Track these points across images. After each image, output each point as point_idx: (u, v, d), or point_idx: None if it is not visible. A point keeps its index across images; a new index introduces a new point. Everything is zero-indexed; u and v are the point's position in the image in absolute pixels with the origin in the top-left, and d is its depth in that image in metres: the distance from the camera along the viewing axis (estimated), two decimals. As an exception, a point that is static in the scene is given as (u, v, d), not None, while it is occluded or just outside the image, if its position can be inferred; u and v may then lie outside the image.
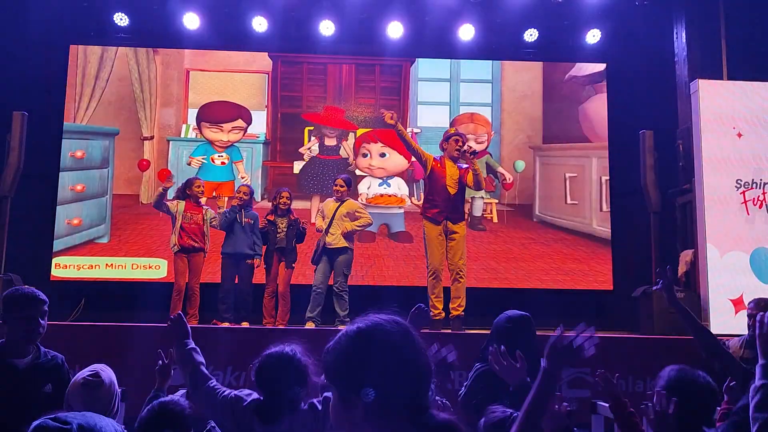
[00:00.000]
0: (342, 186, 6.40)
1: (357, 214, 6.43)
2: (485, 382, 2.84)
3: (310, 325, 6.20)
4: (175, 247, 6.45)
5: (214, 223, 6.62)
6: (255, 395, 2.32)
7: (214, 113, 8.68)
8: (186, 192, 6.53)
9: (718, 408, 2.64)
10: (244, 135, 8.71)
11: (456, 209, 6.14)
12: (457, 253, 6.06)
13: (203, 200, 6.89)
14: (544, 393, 1.69)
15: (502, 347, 2.30)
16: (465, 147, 6.09)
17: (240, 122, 8.66)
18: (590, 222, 8.62)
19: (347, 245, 6.36)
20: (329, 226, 6.32)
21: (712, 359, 3.20)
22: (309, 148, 8.67)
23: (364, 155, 8.72)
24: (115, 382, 2.43)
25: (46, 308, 2.84)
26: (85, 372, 2.35)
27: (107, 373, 2.39)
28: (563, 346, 1.71)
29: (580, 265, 8.45)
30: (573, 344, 1.71)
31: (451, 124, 8.74)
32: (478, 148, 8.67)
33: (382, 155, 8.72)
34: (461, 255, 6.07)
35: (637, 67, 8.09)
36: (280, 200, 6.52)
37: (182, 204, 6.49)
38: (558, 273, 8.41)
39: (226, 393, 2.35)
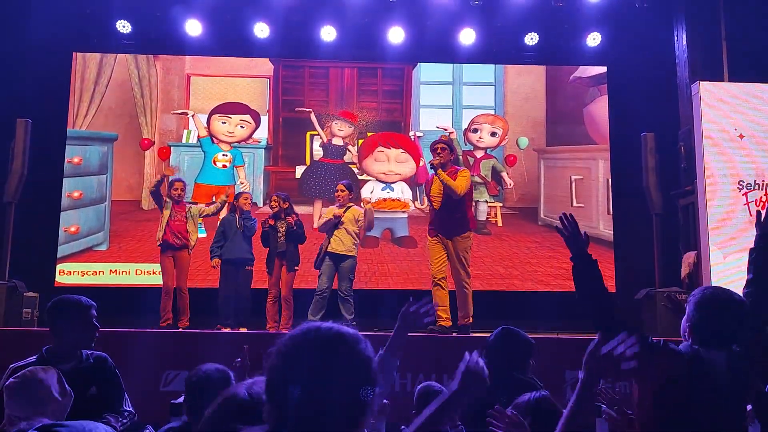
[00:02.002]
0: (343, 191, 6.42)
1: (359, 221, 6.45)
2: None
3: None
4: (159, 241, 6.74)
5: (206, 211, 6.90)
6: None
7: (226, 106, 8.93)
8: (168, 193, 6.78)
9: None
10: (250, 136, 8.77)
11: (444, 223, 5.99)
12: (456, 266, 5.98)
13: (201, 205, 7.03)
14: (581, 405, 1.68)
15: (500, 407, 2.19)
16: (438, 154, 5.92)
17: (248, 118, 8.83)
18: (597, 225, 8.69)
19: (352, 253, 6.37)
20: (331, 232, 6.36)
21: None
22: (317, 142, 8.75)
23: (382, 160, 8.75)
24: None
25: (95, 312, 2.92)
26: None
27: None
28: (603, 356, 1.65)
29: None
30: (612, 354, 1.64)
31: (471, 121, 8.91)
32: (491, 142, 8.78)
33: (400, 161, 8.79)
34: (460, 267, 5.95)
35: (638, 70, 8.20)
36: (272, 204, 6.66)
37: (170, 204, 6.78)
38: (567, 278, 8.39)
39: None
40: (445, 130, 8.85)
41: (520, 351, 3.00)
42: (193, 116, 8.77)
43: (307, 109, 8.85)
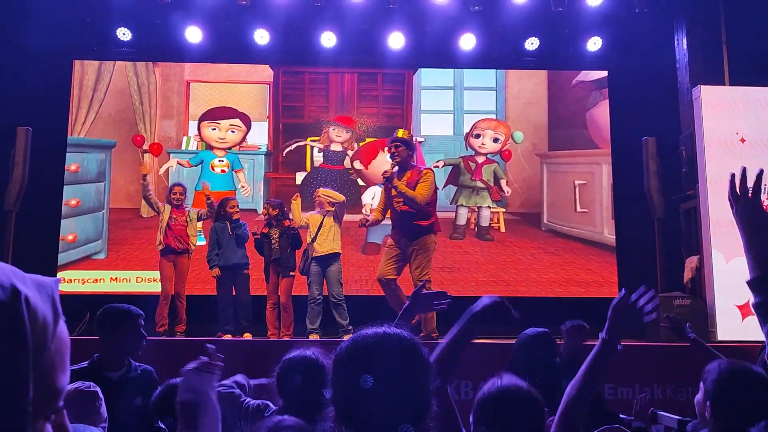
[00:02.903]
0: (319, 196, 6.54)
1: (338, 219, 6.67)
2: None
3: (314, 337, 6.28)
4: (161, 245, 6.85)
5: (202, 215, 7.02)
6: (274, 407, 2.39)
7: (213, 112, 9.01)
8: (168, 198, 6.89)
9: None
10: (243, 140, 8.85)
11: (405, 228, 5.93)
12: (414, 264, 5.89)
13: (201, 212, 7.06)
14: (600, 363, 1.76)
15: None
16: (394, 153, 5.88)
17: (238, 122, 8.88)
18: (601, 230, 8.71)
19: (337, 251, 6.47)
20: (316, 235, 6.44)
21: None
22: (316, 149, 8.76)
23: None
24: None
25: (143, 321, 3.00)
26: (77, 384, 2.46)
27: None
28: (626, 308, 1.75)
29: (594, 275, 8.43)
30: (636, 306, 1.76)
31: (473, 126, 8.94)
32: (493, 147, 8.81)
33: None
34: (418, 266, 5.86)
35: (639, 74, 8.27)
36: (263, 211, 6.73)
37: (168, 208, 6.86)
38: (571, 284, 8.38)
39: (250, 402, 2.43)
40: (437, 167, 8.76)
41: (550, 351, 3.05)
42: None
43: (302, 143, 8.83)
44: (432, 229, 5.93)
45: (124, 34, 8.31)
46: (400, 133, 6.09)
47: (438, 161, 8.85)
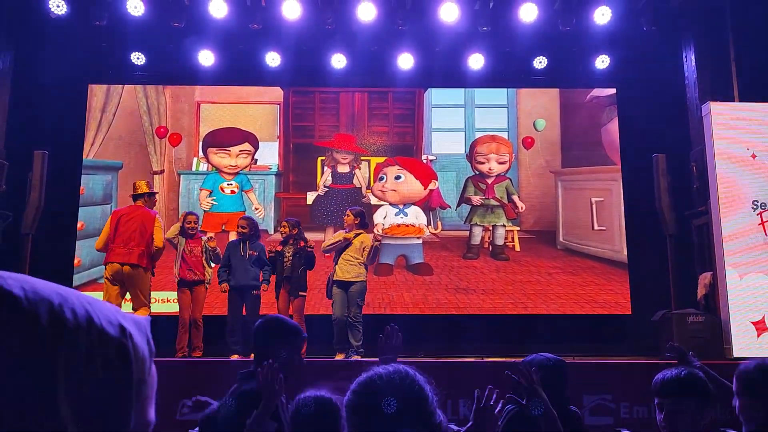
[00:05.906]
0: (348, 216, 6.58)
1: (365, 250, 6.62)
2: (519, 425, 2.78)
3: (339, 356, 6.31)
4: (176, 277, 7.00)
5: (215, 251, 6.86)
6: None
7: (221, 138, 9.28)
8: (182, 229, 6.88)
9: None
10: (252, 161, 8.89)
11: None
12: None
13: (211, 234, 7.07)
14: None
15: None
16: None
17: (247, 146, 9.08)
18: (620, 249, 8.80)
19: (361, 279, 6.41)
20: (339, 257, 6.43)
21: None
22: (324, 181, 8.81)
23: (381, 179, 8.87)
24: None
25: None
26: None
27: None
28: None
29: (615, 296, 8.57)
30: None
31: (472, 146, 9.09)
32: (501, 168, 8.91)
33: (398, 177, 9.01)
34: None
35: (648, 91, 8.45)
36: (282, 229, 6.74)
37: (183, 239, 7.02)
38: (592, 305, 8.32)
39: None
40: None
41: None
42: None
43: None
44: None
45: (138, 58, 8.56)
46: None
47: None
